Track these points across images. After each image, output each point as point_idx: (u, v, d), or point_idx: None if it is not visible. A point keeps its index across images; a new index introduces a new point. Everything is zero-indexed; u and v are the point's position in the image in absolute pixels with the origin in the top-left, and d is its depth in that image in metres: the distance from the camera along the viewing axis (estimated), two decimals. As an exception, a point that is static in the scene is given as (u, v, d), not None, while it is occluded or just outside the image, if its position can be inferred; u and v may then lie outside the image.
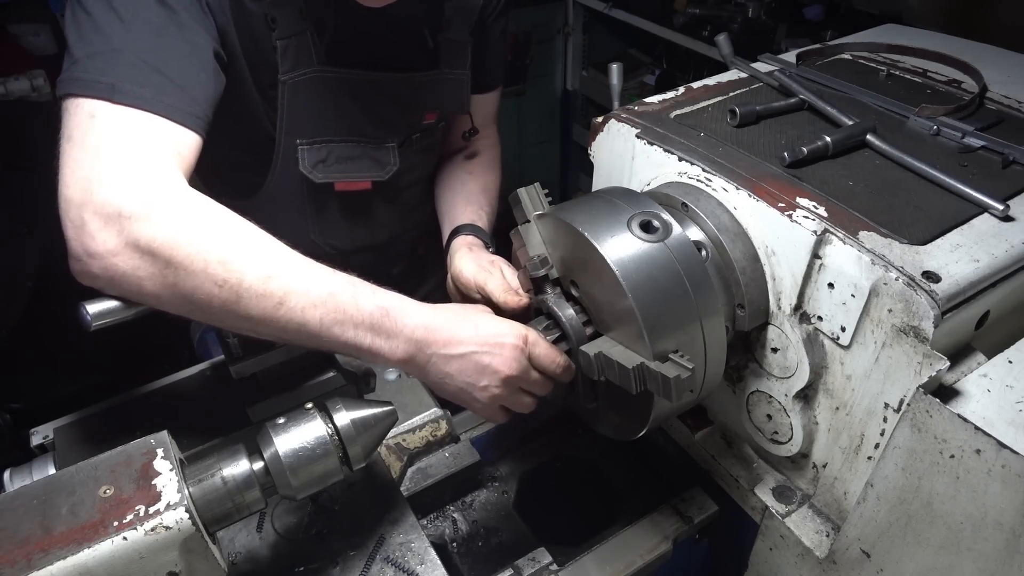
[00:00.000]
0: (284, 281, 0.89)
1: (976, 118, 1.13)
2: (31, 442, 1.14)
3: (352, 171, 1.43)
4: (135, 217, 0.86)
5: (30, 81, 2.72)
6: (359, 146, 1.43)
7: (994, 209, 0.93)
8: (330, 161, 1.41)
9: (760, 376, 1.06)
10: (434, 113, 1.50)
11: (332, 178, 1.42)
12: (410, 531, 1.06)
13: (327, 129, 1.39)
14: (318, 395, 1.13)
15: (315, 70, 1.32)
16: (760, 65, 1.35)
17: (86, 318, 0.89)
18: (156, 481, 0.76)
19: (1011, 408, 0.78)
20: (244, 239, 0.92)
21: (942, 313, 0.81)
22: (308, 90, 1.33)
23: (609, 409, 1.02)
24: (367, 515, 1.09)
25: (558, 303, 0.97)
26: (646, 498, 1.25)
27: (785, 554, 1.11)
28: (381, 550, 1.04)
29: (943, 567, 0.85)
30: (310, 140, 1.38)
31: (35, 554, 0.68)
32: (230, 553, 1.05)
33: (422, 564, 1.02)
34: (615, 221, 0.90)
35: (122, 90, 0.95)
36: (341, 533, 1.06)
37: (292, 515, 1.09)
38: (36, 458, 1.06)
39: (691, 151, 1.07)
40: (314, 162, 1.39)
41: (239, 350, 1.04)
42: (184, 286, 0.87)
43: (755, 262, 0.98)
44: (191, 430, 1.11)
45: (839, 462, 1.01)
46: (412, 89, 1.44)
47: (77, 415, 1.18)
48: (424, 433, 1.27)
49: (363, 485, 1.13)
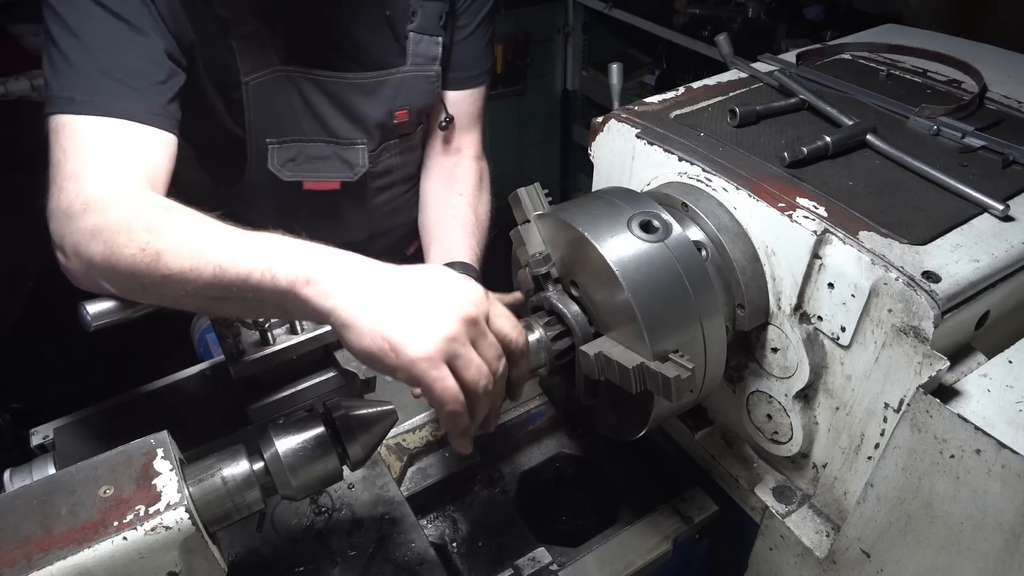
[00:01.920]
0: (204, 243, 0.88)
1: (976, 118, 1.13)
2: (31, 442, 1.14)
3: (321, 171, 1.44)
4: (85, 211, 0.94)
5: (30, 81, 2.72)
6: (328, 146, 1.43)
7: (994, 209, 0.93)
8: (299, 160, 1.42)
9: (760, 376, 1.06)
10: (404, 111, 1.47)
11: (300, 177, 1.43)
12: (410, 531, 1.06)
13: (296, 129, 1.40)
14: (318, 395, 1.13)
15: (275, 70, 1.32)
16: (760, 65, 1.35)
17: (86, 318, 0.90)
18: (156, 481, 0.76)
19: (1011, 408, 0.78)
20: (172, 213, 0.94)
21: (942, 313, 0.81)
22: (273, 90, 1.34)
23: (609, 409, 1.02)
24: (367, 515, 1.09)
25: (562, 299, 0.97)
26: (646, 498, 1.25)
27: (785, 554, 1.11)
28: (381, 550, 1.04)
29: (943, 567, 0.86)
30: (279, 139, 1.39)
31: (35, 554, 0.68)
32: (230, 553, 1.05)
33: (422, 564, 1.02)
34: (615, 221, 0.90)
35: (80, 100, 1.01)
36: (341, 533, 1.06)
37: (292, 515, 1.09)
38: (36, 458, 1.06)
39: (691, 151, 1.07)
40: (283, 161, 1.41)
41: (239, 349, 1.04)
42: (119, 255, 0.90)
43: (755, 262, 0.98)
44: (191, 430, 1.11)
45: (839, 462, 1.01)
46: (379, 87, 1.42)
47: (77, 415, 1.18)
48: (424, 433, 1.28)
49: (363, 485, 1.13)
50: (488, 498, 1.31)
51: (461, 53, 1.50)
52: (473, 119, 1.58)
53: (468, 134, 1.58)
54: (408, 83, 1.45)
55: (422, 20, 1.40)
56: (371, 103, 1.44)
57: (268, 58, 1.31)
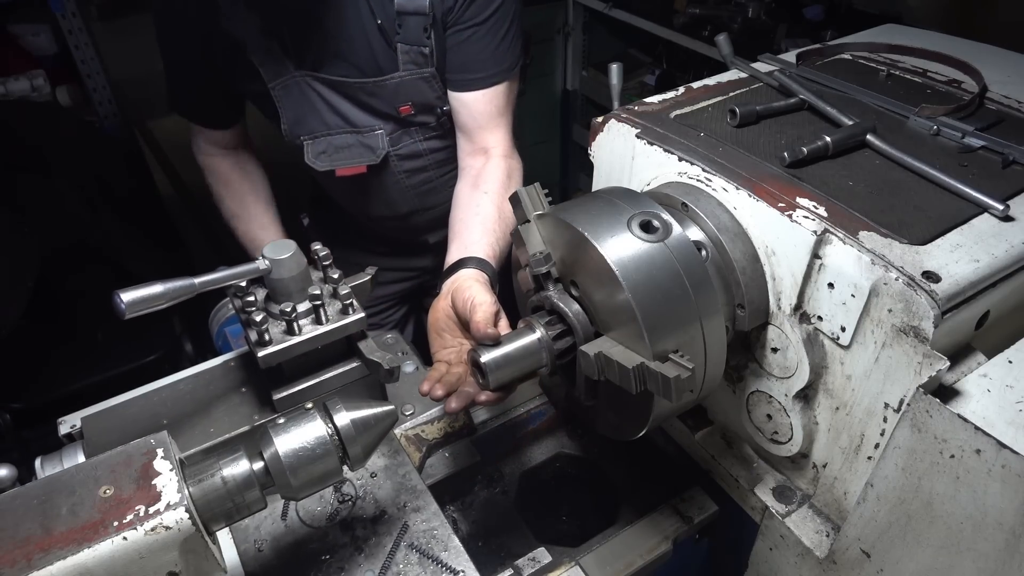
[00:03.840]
0: None
1: (976, 118, 1.13)
2: (59, 431, 1.16)
3: (348, 158, 1.65)
4: None
5: (30, 81, 2.72)
6: (351, 135, 1.63)
7: (994, 209, 0.93)
8: (329, 151, 1.64)
9: (760, 376, 1.06)
10: (407, 106, 1.60)
11: (332, 166, 1.64)
12: (433, 519, 1.09)
13: (321, 124, 1.61)
14: (342, 384, 1.17)
15: (291, 76, 1.54)
16: (760, 65, 1.35)
17: (120, 306, 0.90)
18: (156, 481, 0.76)
19: (1011, 408, 0.78)
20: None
21: (942, 313, 0.81)
22: (295, 93, 1.57)
23: (609, 409, 1.02)
24: (390, 503, 1.12)
25: (563, 299, 0.97)
26: (646, 498, 1.25)
27: (785, 554, 1.11)
28: (405, 537, 1.06)
29: (943, 567, 0.86)
30: (311, 135, 1.62)
31: (35, 554, 0.68)
32: (256, 540, 1.07)
33: (446, 551, 1.04)
34: (615, 221, 0.90)
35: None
36: (365, 521, 1.09)
37: (316, 503, 1.12)
38: (66, 446, 1.07)
39: (691, 151, 1.07)
40: (316, 154, 1.63)
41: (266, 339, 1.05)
42: None
43: (755, 262, 0.98)
44: (217, 418, 1.14)
45: (839, 462, 1.01)
46: (380, 89, 1.56)
47: (104, 404, 1.19)
48: (442, 424, 1.30)
49: (385, 474, 1.16)
50: (488, 498, 1.31)
51: (465, 56, 1.53)
52: (494, 118, 1.60)
53: (492, 133, 1.60)
54: (406, 84, 1.55)
55: (406, 32, 1.48)
56: (377, 101, 1.59)
57: (284, 66, 1.52)
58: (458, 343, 1.20)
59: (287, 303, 1.06)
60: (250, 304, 1.06)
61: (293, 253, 1.06)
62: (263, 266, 1.05)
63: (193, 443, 1.09)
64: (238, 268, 1.03)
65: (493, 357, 0.96)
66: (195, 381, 1.22)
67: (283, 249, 1.06)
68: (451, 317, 1.20)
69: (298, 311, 1.07)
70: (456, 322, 1.20)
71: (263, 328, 1.04)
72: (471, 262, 1.31)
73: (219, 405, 1.17)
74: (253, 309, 1.05)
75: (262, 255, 1.06)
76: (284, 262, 1.05)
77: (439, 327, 1.21)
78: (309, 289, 1.07)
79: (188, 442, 1.09)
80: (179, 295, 0.94)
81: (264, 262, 1.05)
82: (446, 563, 1.02)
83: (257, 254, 1.06)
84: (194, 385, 1.21)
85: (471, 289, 1.16)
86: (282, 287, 1.07)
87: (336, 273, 1.11)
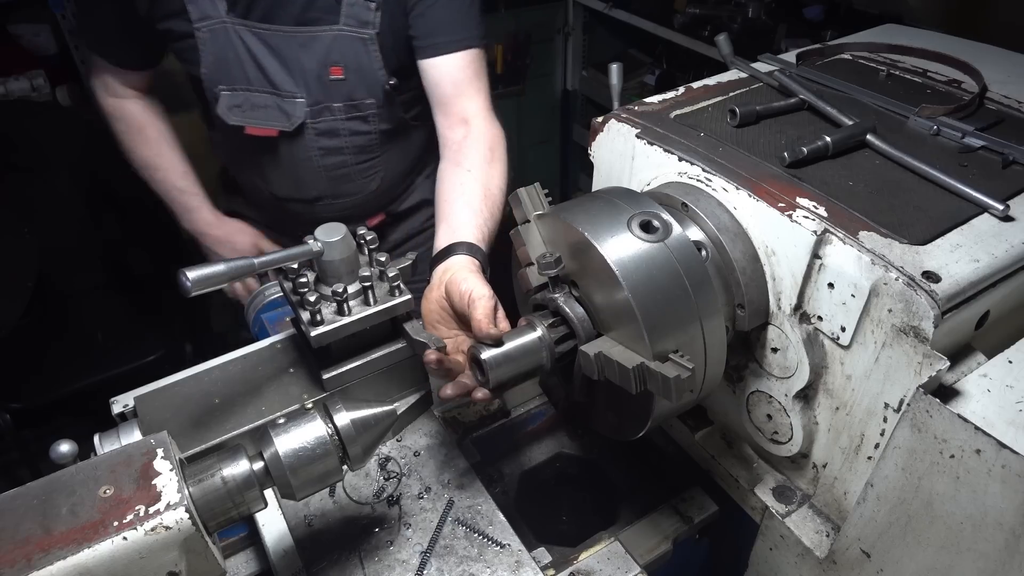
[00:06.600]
0: None
1: (976, 118, 1.13)
2: (112, 411, 1.17)
3: (262, 118, 1.62)
4: None
5: (30, 81, 2.73)
6: (271, 96, 1.60)
7: (994, 209, 0.93)
8: (245, 107, 1.61)
9: (760, 376, 1.06)
10: (339, 67, 1.58)
11: (243, 122, 1.61)
12: (477, 495, 1.14)
13: (243, 78, 1.58)
14: (388, 364, 1.21)
15: (220, 21, 1.50)
16: (760, 65, 1.35)
17: (186, 284, 0.91)
18: (156, 481, 0.76)
19: (1011, 408, 0.78)
20: None
21: (942, 313, 0.81)
22: (221, 40, 1.52)
23: (609, 409, 1.02)
24: (434, 481, 1.17)
25: (567, 302, 0.97)
26: (646, 498, 1.25)
27: (785, 554, 1.11)
28: (451, 512, 1.11)
29: (943, 567, 0.86)
30: (230, 87, 1.58)
31: (35, 554, 0.68)
32: (306, 515, 1.11)
33: (491, 525, 1.09)
34: (615, 221, 0.90)
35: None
36: (412, 496, 1.14)
37: (362, 481, 1.16)
38: (123, 423, 1.09)
39: (691, 151, 1.07)
40: (230, 106, 1.60)
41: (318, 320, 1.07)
42: None
43: (755, 262, 0.99)
44: (268, 397, 1.17)
45: (839, 462, 1.01)
46: (312, 41, 1.54)
47: (156, 384, 1.21)
48: (478, 407, 1.35)
49: (428, 453, 1.21)
50: (488, 498, 1.31)
51: (435, 21, 1.53)
52: (469, 83, 1.57)
53: (470, 100, 1.57)
54: (341, 41, 1.55)
55: None
56: (306, 55, 1.57)
57: (214, 9, 1.49)
58: (454, 335, 1.19)
59: (338, 284, 1.08)
60: (303, 285, 1.08)
61: (344, 235, 1.08)
62: (316, 248, 1.07)
63: (246, 421, 1.11)
64: (293, 250, 1.05)
65: (494, 355, 0.96)
66: (244, 362, 1.24)
67: (334, 231, 1.08)
68: (446, 309, 1.17)
69: (348, 292, 1.09)
70: (451, 314, 1.17)
71: (316, 308, 1.06)
72: (461, 247, 1.26)
73: (269, 385, 1.19)
74: (306, 290, 1.07)
75: (313, 237, 1.08)
76: (336, 244, 1.07)
77: (432, 319, 1.19)
78: (359, 271, 1.10)
79: (241, 420, 1.12)
80: (240, 273, 0.96)
81: (317, 244, 1.07)
82: (492, 537, 1.07)
83: (181, 205, 1.07)
84: (243, 366, 1.23)
85: (467, 281, 1.12)
86: (332, 269, 1.09)
87: (383, 256, 1.15)
